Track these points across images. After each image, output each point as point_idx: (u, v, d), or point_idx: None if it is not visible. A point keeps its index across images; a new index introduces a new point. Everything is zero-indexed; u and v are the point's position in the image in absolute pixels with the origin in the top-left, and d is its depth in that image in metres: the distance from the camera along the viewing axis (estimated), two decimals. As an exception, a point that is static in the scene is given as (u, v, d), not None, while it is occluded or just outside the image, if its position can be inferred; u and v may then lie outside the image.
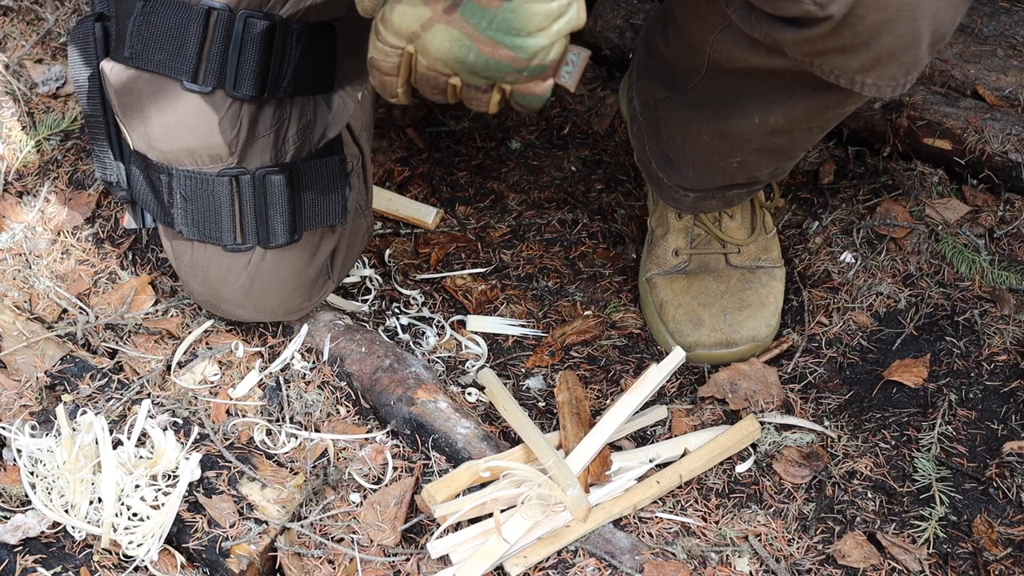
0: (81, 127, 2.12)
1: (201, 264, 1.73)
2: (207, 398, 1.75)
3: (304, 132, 1.70)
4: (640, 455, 1.68)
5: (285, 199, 1.69)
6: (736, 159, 1.69)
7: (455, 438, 1.68)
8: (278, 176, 1.67)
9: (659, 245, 1.92)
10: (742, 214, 1.91)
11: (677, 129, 1.75)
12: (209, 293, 1.76)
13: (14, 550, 1.55)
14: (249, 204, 1.68)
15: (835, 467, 1.70)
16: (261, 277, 1.73)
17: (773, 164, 1.74)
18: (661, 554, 1.57)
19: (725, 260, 1.90)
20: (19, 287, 1.88)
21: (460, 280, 1.97)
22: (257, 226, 1.69)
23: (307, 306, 1.80)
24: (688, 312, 1.85)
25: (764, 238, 1.92)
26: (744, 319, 1.83)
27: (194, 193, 1.67)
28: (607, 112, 2.25)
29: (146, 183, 1.72)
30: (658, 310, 1.88)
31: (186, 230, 1.70)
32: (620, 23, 2.29)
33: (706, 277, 1.88)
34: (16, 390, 1.72)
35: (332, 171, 1.73)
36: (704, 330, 1.83)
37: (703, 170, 1.76)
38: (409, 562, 1.57)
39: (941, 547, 1.61)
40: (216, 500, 1.61)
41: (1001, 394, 1.77)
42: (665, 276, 1.89)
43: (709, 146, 1.70)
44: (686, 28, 1.62)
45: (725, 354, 1.83)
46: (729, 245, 1.90)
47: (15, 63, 2.20)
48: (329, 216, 1.74)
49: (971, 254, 1.93)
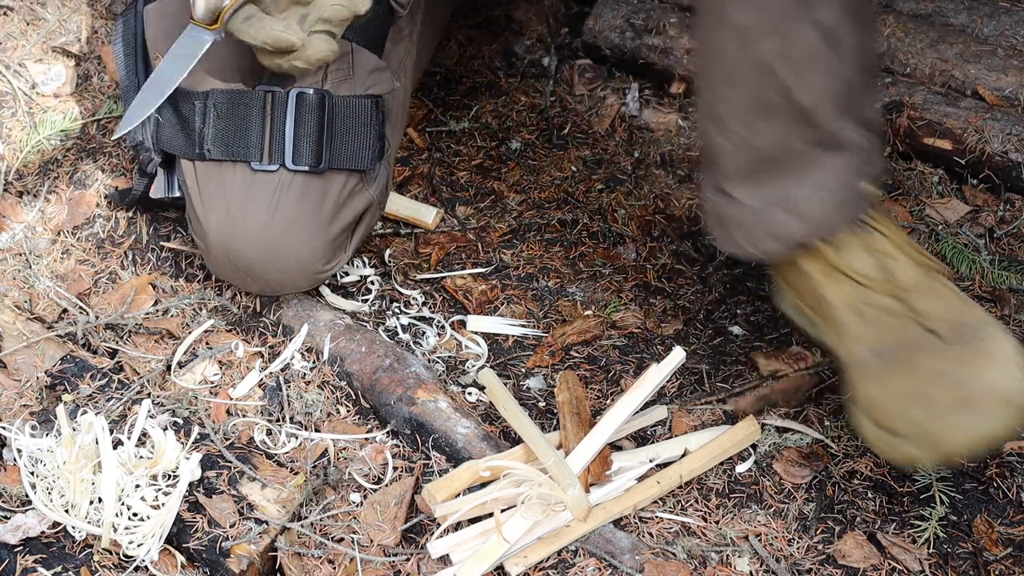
0: (81, 127, 2.12)
1: (225, 190, 1.75)
2: (207, 398, 1.75)
3: (345, 71, 1.78)
4: (640, 455, 1.68)
5: (315, 119, 1.74)
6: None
7: (455, 438, 1.68)
8: (311, 95, 1.74)
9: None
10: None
11: None
12: (228, 229, 1.75)
13: (14, 550, 1.55)
14: (280, 120, 1.74)
15: (835, 467, 1.70)
16: (283, 209, 1.74)
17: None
18: (661, 554, 1.58)
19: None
20: (19, 287, 1.88)
21: (460, 280, 1.97)
22: (284, 145, 1.74)
23: (322, 271, 1.81)
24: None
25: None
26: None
27: (228, 110, 1.75)
28: (607, 112, 2.25)
29: (175, 119, 1.78)
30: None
31: (215, 150, 1.75)
32: (620, 23, 2.29)
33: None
34: (16, 390, 1.72)
35: (367, 112, 1.79)
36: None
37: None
38: (409, 562, 1.57)
39: (941, 547, 1.61)
40: (216, 500, 1.61)
41: (1001, 394, 1.77)
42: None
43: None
44: None
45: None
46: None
47: (15, 63, 2.20)
48: (357, 158, 1.77)
49: (971, 254, 1.93)
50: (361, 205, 1.82)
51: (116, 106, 2.14)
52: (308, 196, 1.75)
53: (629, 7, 2.31)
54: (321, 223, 1.76)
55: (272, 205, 1.73)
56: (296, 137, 1.74)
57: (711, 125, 1.58)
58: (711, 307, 1.94)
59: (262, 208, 1.73)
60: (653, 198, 2.10)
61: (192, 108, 1.77)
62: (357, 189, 1.81)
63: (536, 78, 2.32)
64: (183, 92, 1.77)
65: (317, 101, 1.75)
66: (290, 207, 1.74)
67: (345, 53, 1.79)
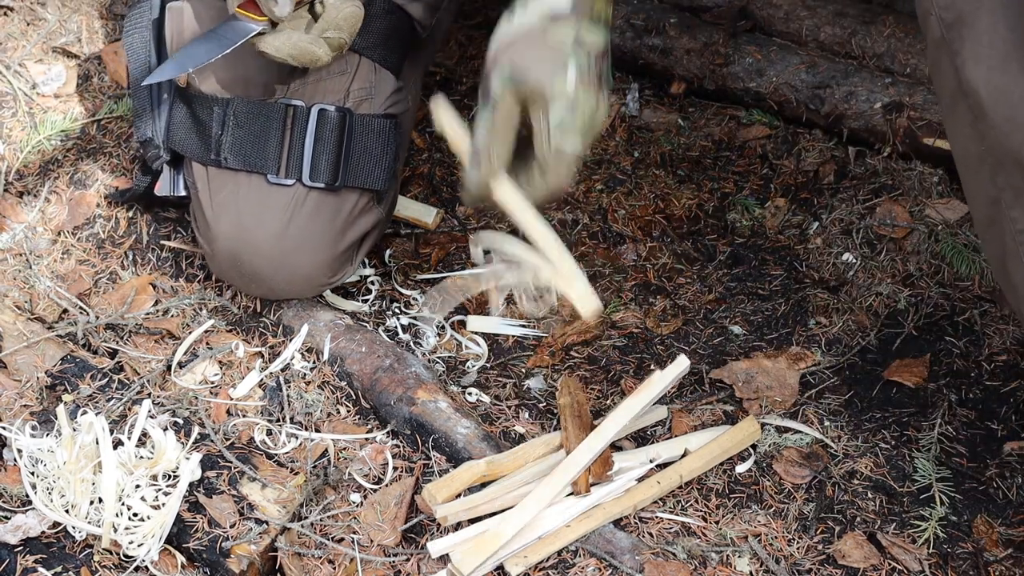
0: (82, 127, 2.12)
1: (238, 199, 1.75)
2: (207, 398, 1.75)
3: (367, 91, 1.78)
4: (640, 455, 1.68)
5: (335, 138, 1.75)
6: None
7: (455, 438, 1.68)
8: (333, 112, 1.75)
9: None
10: None
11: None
12: (237, 238, 1.75)
13: (15, 550, 1.55)
14: (299, 135, 1.74)
15: (835, 467, 1.70)
16: (296, 224, 1.74)
17: None
18: (661, 554, 1.58)
19: None
20: (20, 287, 1.88)
21: (460, 280, 1.97)
22: (302, 160, 1.74)
23: (326, 284, 1.81)
24: None
25: None
26: None
27: (248, 119, 1.75)
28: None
29: (190, 121, 1.78)
30: None
31: (231, 158, 1.75)
32: (620, 23, 2.28)
33: None
34: (16, 390, 1.72)
35: (385, 132, 1.79)
36: None
37: None
38: (409, 562, 1.57)
39: (941, 547, 1.61)
40: (216, 500, 1.61)
41: (1001, 394, 1.77)
42: None
43: None
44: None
45: None
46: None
47: (16, 63, 2.20)
48: (372, 177, 1.78)
49: (971, 254, 1.93)
50: (370, 222, 1.83)
51: (116, 106, 2.14)
52: (321, 212, 1.75)
53: (629, 7, 2.30)
54: (331, 239, 1.77)
55: (285, 219, 1.74)
56: (315, 154, 1.74)
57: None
58: (711, 307, 1.94)
59: (275, 221, 1.74)
60: (653, 198, 2.10)
61: (210, 113, 1.77)
62: (368, 207, 1.81)
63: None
64: (202, 96, 1.78)
65: (338, 119, 1.76)
66: (303, 222, 1.74)
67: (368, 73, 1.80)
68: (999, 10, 1.29)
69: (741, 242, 2.03)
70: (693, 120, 2.23)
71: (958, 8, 1.31)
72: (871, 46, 2.18)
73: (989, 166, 1.34)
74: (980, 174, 1.36)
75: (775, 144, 2.17)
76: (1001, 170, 1.33)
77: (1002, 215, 1.36)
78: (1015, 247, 1.37)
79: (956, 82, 1.33)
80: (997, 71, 1.29)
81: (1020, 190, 1.33)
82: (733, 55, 2.20)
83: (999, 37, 1.29)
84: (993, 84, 1.29)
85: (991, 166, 1.34)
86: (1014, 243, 1.37)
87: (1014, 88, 1.28)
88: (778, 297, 1.94)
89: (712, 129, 2.21)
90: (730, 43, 2.21)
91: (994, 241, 1.40)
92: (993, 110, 1.30)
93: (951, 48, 1.32)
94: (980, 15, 1.30)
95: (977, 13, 1.30)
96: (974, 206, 1.42)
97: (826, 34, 2.22)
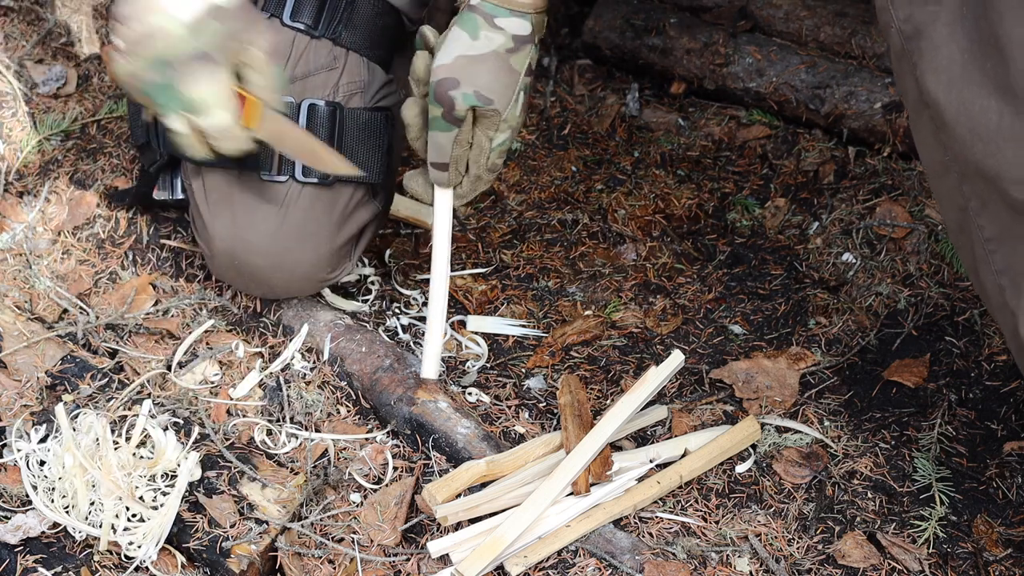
0: (82, 127, 2.12)
1: (233, 198, 1.75)
2: (207, 398, 1.75)
3: (357, 84, 1.80)
4: (640, 455, 1.68)
5: (326, 132, 1.75)
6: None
7: (455, 438, 1.68)
8: (323, 106, 1.75)
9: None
10: None
11: None
12: (234, 237, 1.75)
13: (15, 550, 1.55)
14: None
15: (835, 467, 1.70)
16: (291, 221, 1.74)
17: None
18: (661, 554, 1.58)
19: None
20: (19, 287, 1.88)
21: (460, 280, 1.97)
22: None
23: (325, 279, 1.81)
24: None
25: None
26: None
27: None
28: (607, 112, 2.25)
29: None
30: None
31: (224, 157, 1.74)
32: (620, 23, 2.29)
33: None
34: (16, 390, 1.72)
35: (377, 124, 1.79)
36: None
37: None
38: (409, 562, 1.57)
39: (941, 547, 1.61)
40: (216, 500, 1.61)
41: (1001, 394, 1.77)
42: None
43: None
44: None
45: None
46: None
47: (15, 63, 2.20)
48: (366, 169, 1.78)
49: (971, 254, 1.93)
50: (367, 216, 1.83)
51: (116, 106, 2.14)
52: (316, 207, 1.75)
53: (629, 7, 2.31)
54: (327, 234, 1.77)
55: (280, 215, 1.74)
56: None
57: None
58: (711, 306, 1.94)
59: (270, 218, 1.74)
60: (653, 198, 2.10)
61: None
62: (364, 200, 1.81)
63: (536, 78, 2.31)
64: None
65: (328, 113, 1.76)
66: (298, 218, 1.74)
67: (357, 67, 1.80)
68: (955, 22, 1.29)
69: (741, 242, 2.03)
70: (693, 120, 2.23)
71: (916, 21, 1.31)
72: (871, 46, 2.19)
73: (955, 175, 1.34)
74: (947, 182, 1.37)
75: (775, 144, 2.17)
76: (966, 180, 1.33)
77: (970, 222, 1.36)
78: (984, 254, 1.37)
79: (918, 93, 1.33)
80: (956, 84, 1.29)
81: (985, 199, 1.33)
82: (733, 55, 2.20)
83: (956, 49, 1.29)
84: (953, 96, 1.29)
85: (957, 175, 1.34)
86: (983, 251, 1.37)
87: (974, 100, 1.28)
88: (778, 297, 1.95)
89: (712, 129, 2.21)
90: (730, 43, 2.22)
91: (965, 247, 1.41)
92: (955, 121, 1.29)
93: (911, 60, 1.32)
94: (937, 28, 1.30)
95: (934, 26, 1.30)
96: (944, 213, 1.43)
97: (826, 34, 2.22)
